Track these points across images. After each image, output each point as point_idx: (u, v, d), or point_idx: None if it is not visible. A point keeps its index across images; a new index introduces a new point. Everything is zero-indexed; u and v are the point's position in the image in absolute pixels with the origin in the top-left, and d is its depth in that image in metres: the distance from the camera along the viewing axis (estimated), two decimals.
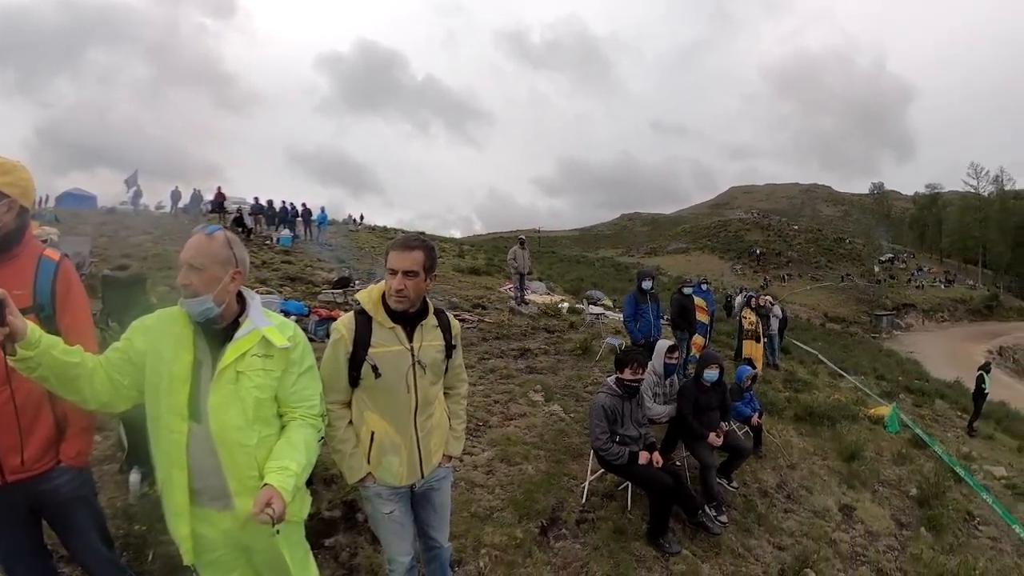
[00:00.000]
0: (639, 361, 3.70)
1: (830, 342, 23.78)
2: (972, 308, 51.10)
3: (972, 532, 5.12)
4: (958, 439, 9.34)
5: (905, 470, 6.19)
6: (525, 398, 5.70)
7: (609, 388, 3.77)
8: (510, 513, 3.46)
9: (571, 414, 5.47)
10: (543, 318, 10.79)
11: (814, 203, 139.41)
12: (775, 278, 55.55)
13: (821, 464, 5.72)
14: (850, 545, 4.24)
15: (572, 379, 6.77)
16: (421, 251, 1.87)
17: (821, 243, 72.26)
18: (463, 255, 24.65)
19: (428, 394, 1.99)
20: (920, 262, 68.95)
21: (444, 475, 2.17)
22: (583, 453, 4.47)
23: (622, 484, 4.02)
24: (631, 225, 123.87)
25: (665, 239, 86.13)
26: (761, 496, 4.66)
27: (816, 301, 48.74)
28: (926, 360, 27.15)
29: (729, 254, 66.64)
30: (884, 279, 57.43)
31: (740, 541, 3.84)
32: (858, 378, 12.61)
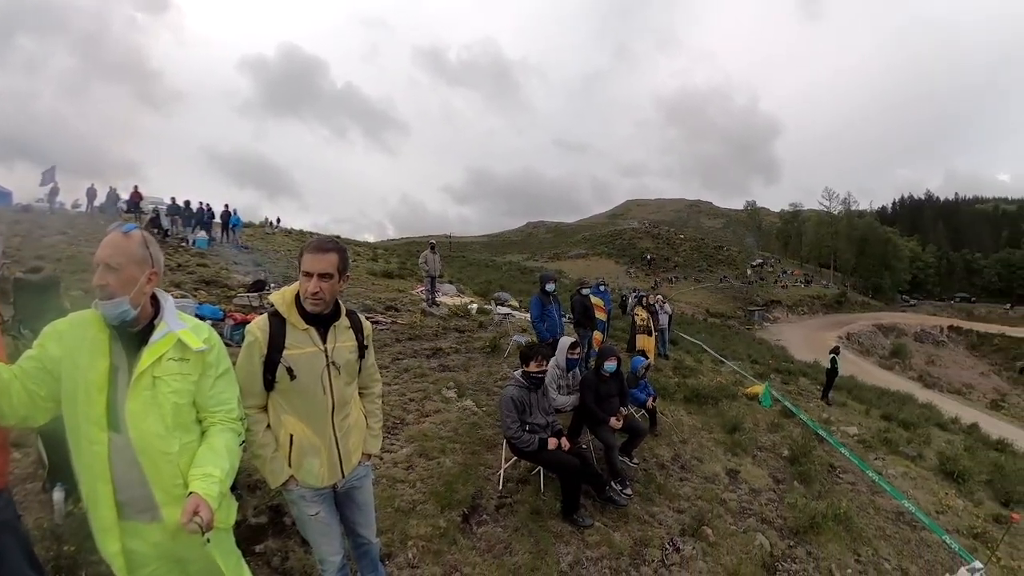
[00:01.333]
0: (542, 354, 3.84)
1: (712, 334, 26.06)
2: (826, 303, 60.40)
3: (835, 480, 5.90)
4: (819, 408, 10.69)
5: (778, 436, 6.96)
6: (439, 395, 5.65)
7: (516, 381, 3.86)
8: (432, 505, 3.46)
9: (483, 408, 5.50)
10: (454, 319, 10.75)
11: (698, 216, 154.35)
12: (664, 280, 60.37)
13: (708, 437, 6.29)
14: (738, 502, 4.70)
15: (483, 375, 6.82)
16: (335, 253, 1.84)
17: (703, 250, 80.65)
18: (377, 259, 23.88)
19: (344, 394, 1.96)
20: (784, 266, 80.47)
21: (365, 473, 2.14)
22: (497, 443, 4.53)
23: (534, 469, 4.14)
24: (536, 232, 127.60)
25: (567, 245, 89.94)
26: (659, 469, 5.02)
27: (699, 299, 53.61)
28: (790, 346, 31.34)
29: (624, 259, 71.21)
30: (755, 280, 65.14)
31: (644, 509, 4.11)
32: (736, 363, 13.93)
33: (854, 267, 78.29)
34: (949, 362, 46.15)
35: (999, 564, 4.73)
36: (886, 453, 7.71)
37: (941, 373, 40.72)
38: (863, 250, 77.24)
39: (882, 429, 9.23)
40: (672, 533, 3.85)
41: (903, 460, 7.50)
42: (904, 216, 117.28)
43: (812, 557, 4.00)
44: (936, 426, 12.28)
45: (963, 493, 6.67)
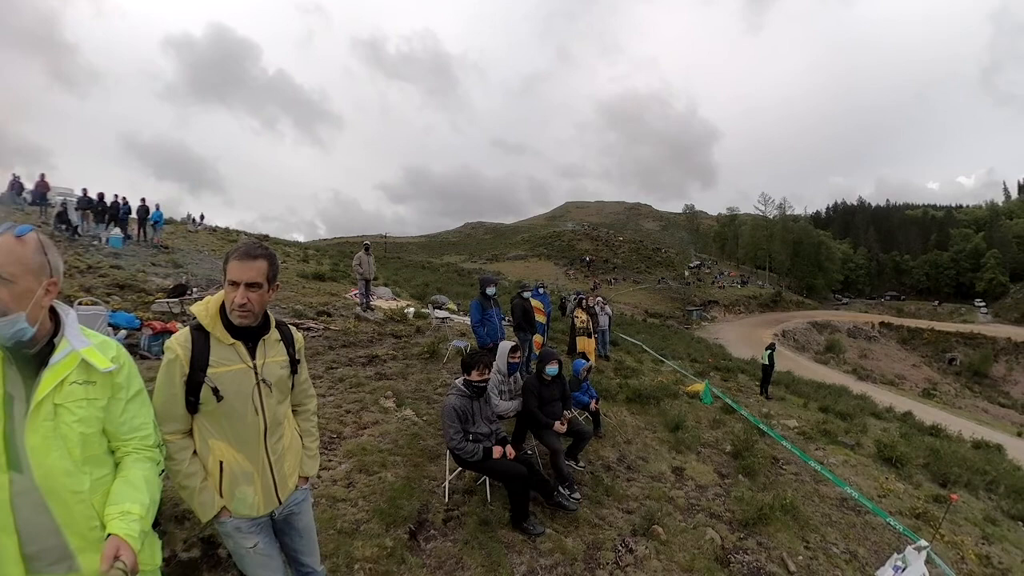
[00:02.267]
0: (484, 362, 3.85)
1: (651, 334, 27.25)
2: (761, 302, 65.70)
3: (779, 472, 6.32)
4: (759, 403, 11.39)
5: (720, 432, 7.36)
6: (377, 405, 5.49)
7: (458, 390, 3.85)
8: (377, 523, 3.36)
9: (424, 417, 5.41)
10: (389, 323, 10.51)
11: (637, 219, 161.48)
12: (603, 281, 62.47)
13: (652, 437, 6.53)
14: (685, 499, 4.92)
15: (422, 383, 6.71)
16: (264, 260, 1.73)
17: (642, 252, 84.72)
18: (307, 260, 22.78)
19: (276, 414, 1.86)
20: (721, 267, 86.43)
21: (303, 497, 2.04)
22: (440, 454, 4.47)
23: (480, 479, 4.13)
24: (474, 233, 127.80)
25: (506, 246, 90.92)
26: (606, 471, 5.16)
27: (638, 300, 55.95)
28: (728, 344, 33.49)
29: (563, 261, 72.99)
30: (693, 281, 69.18)
31: (594, 512, 4.21)
32: (676, 362, 14.60)
33: (789, 268, 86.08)
34: (881, 355, 51.55)
35: (943, 540, 5.29)
36: (826, 443, 8.36)
37: (874, 366, 45.45)
38: (797, 252, 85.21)
39: (820, 421, 10.01)
40: (624, 534, 3.96)
41: (842, 449, 8.16)
42: (837, 220, 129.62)
43: (763, 547, 4.25)
44: (871, 416, 13.50)
45: (902, 477, 7.35)
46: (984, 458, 10.80)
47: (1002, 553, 5.56)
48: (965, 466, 8.76)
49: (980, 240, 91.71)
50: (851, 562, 4.41)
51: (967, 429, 16.21)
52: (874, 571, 4.19)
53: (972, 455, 10.64)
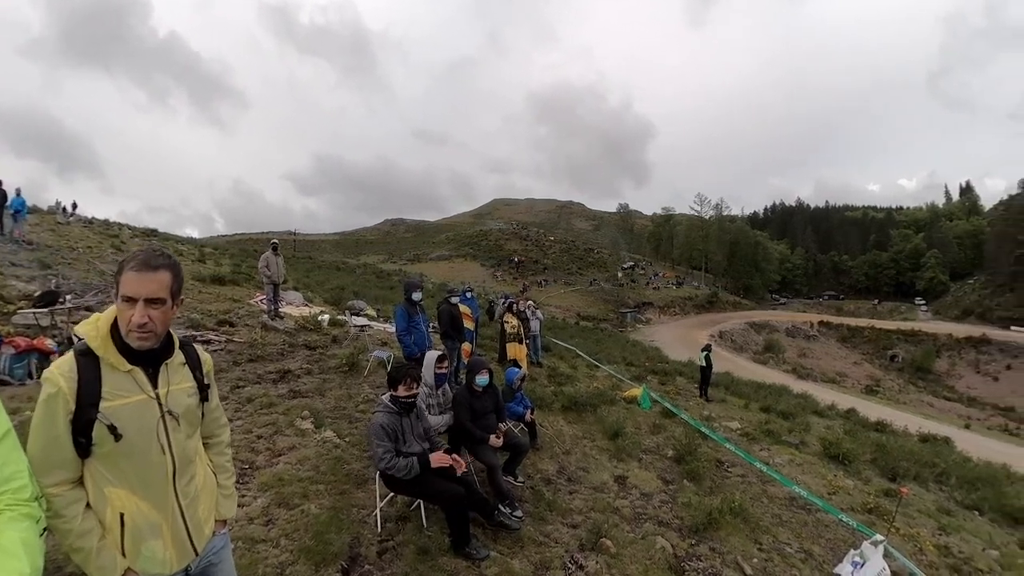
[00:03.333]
0: (411, 376, 3.78)
1: (585, 337, 27.95)
2: (697, 303, 69.75)
3: (724, 475, 6.67)
4: (699, 406, 11.97)
5: (661, 437, 7.67)
6: (292, 427, 5.23)
7: (385, 406, 3.76)
8: (304, 564, 3.19)
9: (346, 438, 5.23)
10: (302, 333, 10.05)
11: (569, 217, 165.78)
12: (533, 283, 63.37)
13: (591, 446, 6.70)
14: (631, 508, 5.09)
15: (342, 399, 6.49)
16: (168, 271, 1.58)
17: (573, 252, 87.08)
18: (204, 260, 21.10)
19: (186, 451, 1.70)
20: (656, 268, 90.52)
21: (222, 544, 1.88)
22: (368, 479, 4.35)
23: (414, 503, 4.04)
24: (395, 231, 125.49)
25: (429, 246, 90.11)
26: (546, 484, 5.23)
27: (570, 303, 57.35)
28: (664, 346, 35.15)
29: (490, 261, 73.43)
30: (627, 282, 71.83)
31: (538, 530, 4.25)
32: (612, 367, 15.07)
33: (725, 269, 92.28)
34: (821, 354, 56.25)
35: (899, 534, 5.78)
36: (770, 444, 8.96)
37: (814, 364, 49.50)
38: (734, 252, 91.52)
39: (763, 421, 10.70)
40: (571, 550, 4.03)
41: (787, 448, 8.77)
42: (775, 221, 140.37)
43: (716, 552, 4.48)
44: (814, 414, 14.60)
45: (851, 474, 7.97)
46: (932, 451, 11.97)
47: (961, 543, 6.17)
48: (913, 460, 9.66)
49: (920, 241, 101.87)
50: (807, 561, 4.73)
51: (913, 424, 17.91)
52: (832, 569, 4.51)
53: (920, 449, 11.74)
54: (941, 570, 5.31)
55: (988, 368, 51.51)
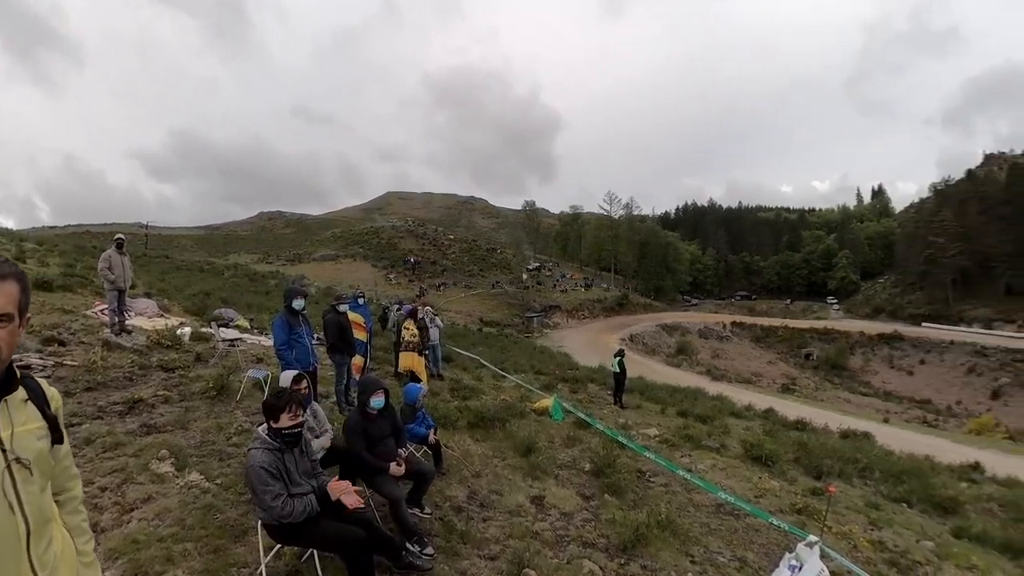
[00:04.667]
0: (296, 401, 3.56)
1: (489, 345, 28.19)
2: (607, 306, 72.55)
3: (647, 486, 6.89)
4: (614, 413, 12.40)
5: (577, 450, 7.83)
6: (147, 473, 4.71)
7: (263, 441, 3.48)
8: None
9: (217, 480, 4.83)
10: (156, 351, 9.18)
11: (470, 215, 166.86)
12: (431, 287, 62.87)
13: (503, 465, 6.71)
14: (552, 531, 5.14)
15: (210, 432, 6.02)
16: (15, 281, 1.43)
17: (475, 253, 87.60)
18: (25, 258, 18.50)
19: (42, 508, 1.50)
20: (564, 270, 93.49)
21: None
22: (248, 529, 4.04)
23: (306, 554, 3.81)
24: (272, 226, 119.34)
25: (312, 244, 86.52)
26: (456, 513, 5.15)
27: (471, 307, 57.58)
28: (574, 351, 36.21)
29: (383, 262, 71.90)
30: (532, 285, 73.24)
31: (453, 567, 4.16)
32: (519, 376, 15.27)
33: (636, 270, 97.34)
34: (735, 354, 60.78)
35: (831, 532, 6.21)
36: (691, 449, 9.43)
37: (728, 365, 53.40)
38: (644, 253, 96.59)
39: (681, 426, 11.23)
40: None
41: (709, 453, 9.26)
42: (687, 222, 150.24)
43: (648, 570, 4.62)
44: (731, 416, 15.59)
45: (775, 475, 8.52)
46: (854, 447, 13.12)
47: (895, 536, 6.78)
48: (836, 457, 10.55)
49: (832, 241, 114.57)
50: (742, 569, 5.01)
51: (833, 420, 19.60)
52: (769, 574, 4.77)
53: (842, 445, 12.86)
54: (879, 565, 5.83)
55: (902, 363, 58.15)
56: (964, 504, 9.15)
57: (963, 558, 6.47)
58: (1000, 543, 7.26)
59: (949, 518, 8.48)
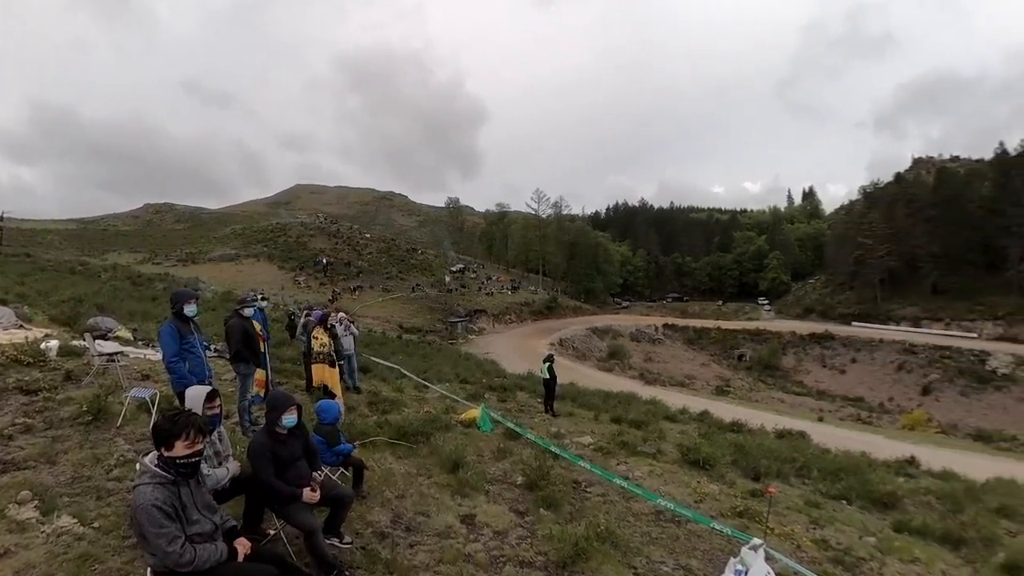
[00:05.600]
0: (195, 426, 3.33)
1: (410, 353, 28.00)
2: (535, 309, 73.50)
3: (584, 497, 6.97)
4: (546, 422, 12.57)
5: (508, 463, 7.87)
6: (3, 520, 4.25)
7: (152, 474, 3.20)
8: None
9: (94, 524, 4.42)
10: (13, 370, 8.37)
11: (389, 211, 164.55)
12: (345, 290, 61.37)
13: (429, 483, 6.63)
14: (486, 552, 5.10)
15: (84, 464, 5.54)
16: None
17: (394, 253, 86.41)
18: None
19: None
20: (489, 271, 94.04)
21: None
22: None
23: None
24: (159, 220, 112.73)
25: (208, 242, 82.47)
26: (380, 540, 5.02)
27: (389, 313, 56.65)
28: (501, 358, 36.40)
29: (290, 263, 69.41)
30: (456, 288, 72.91)
31: None
32: (443, 386, 15.25)
33: (565, 271, 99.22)
34: (668, 357, 63.10)
35: (774, 534, 6.46)
36: (627, 456, 9.66)
37: (661, 368, 55.35)
38: (574, 254, 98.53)
39: (616, 433, 11.51)
40: None
41: (645, 459, 9.52)
42: (617, 222, 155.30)
43: None
44: (666, 419, 16.15)
45: (714, 478, 8.86)
46: (790, 446, 13.91)
47: (837, 534, 7.16)
48: (773, 457, 11.12)
49: (763, 242, 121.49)
50: None
51: (768, 421, 20.76)
52: None
53: (778, 445, 13.58)
54: (824, 564, 6.16)
55: (834, 362, 62.67)
56: (902, 498, 9.83)
57: (906, 552, 6.94)
58: (940, 535, 7.85)
59: (889, 513, 9.09)
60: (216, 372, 7.36)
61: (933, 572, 6.63)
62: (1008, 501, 10.38)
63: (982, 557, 7.25)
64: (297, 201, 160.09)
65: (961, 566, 7.01)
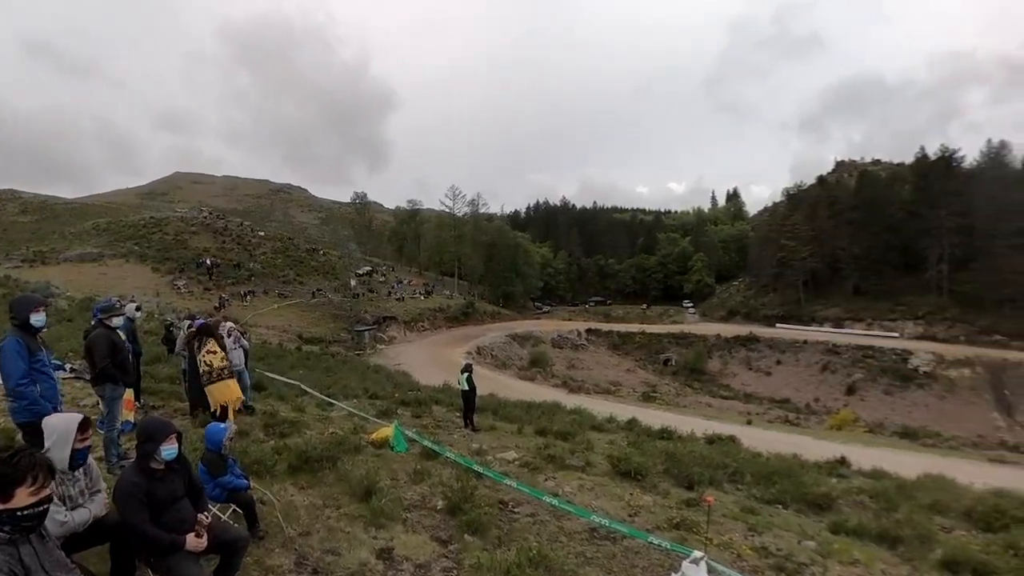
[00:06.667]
0: (43, 466, 2.94)
1: (311, 367, 27.28)
2: (450, 316, 73.92)
3: (512, 518, 6.97)
4: (466, 438, 12.55)
5: (426, 486, 7.74)
6: None
7: None
8: None
9: None
10: None
11: (286, 206, 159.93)
12: (234, 296, 58.81)
13: (338, 515, 6.36)
14: None
15: None
16: None
17: (291, 253, 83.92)
18: None
19: None
20: (400, 275, 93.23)
21: None
22: None
23: None
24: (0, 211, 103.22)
25: (63, 239, 76.48)
26: None
27: (287, 321, 54.83)
28: (414, 369, 36.27)
29: (168, 265, 65.69)
30: (362, 293, 71.61)
31: None
32: (350, 402, 14.88)
33: (482, 275, 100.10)
34: (592, 363, 65.49)
35: (713, 544, 6.57)
36: (554, 471, 9.73)
37: (585, 375, 57.13)
38: (492, 256, 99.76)
39: (541, 446, 11.60)
40: None
41: (574, 473, 9.62)
42: (538, 222, 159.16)
43: None
44: (593, 429, 16.52)
45: (647, 489, 9.02)
46: (721, 451, 14.33)
47: (776, 540, 7.39)
48: (705, 463, 11.40)
49: (687, 244, 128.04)
50: None
51: (697, 426, 21.62)
52: None
53: (709, 451, 13.95)
54: (766, 572, 6.35)
55: (760, 364, 67.43)
56: (837, 499, 10.37)
57: (845, 554, 7.29)
58: (876, 534, 8.29)
59: (824, 515, 9.56)
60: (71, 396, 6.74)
61: (873, 573, 6.97)
62: (939, 497, 11.21)
63: (920, 555, 7.70)
64: (176, 192, 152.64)
65: (899, 565, 7.42)
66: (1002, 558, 7.61)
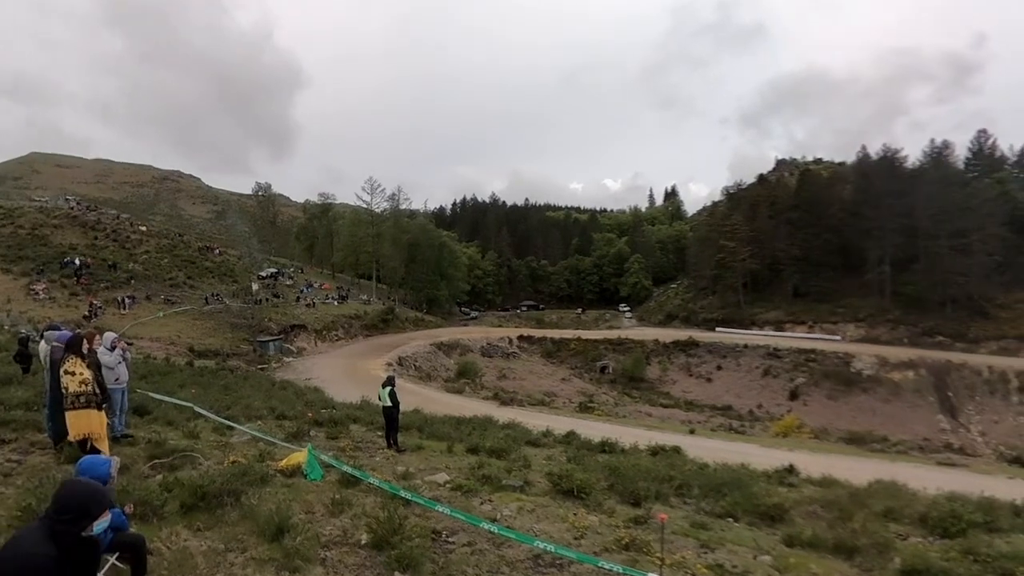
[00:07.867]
0: None
1: (206, 385, 26.33)
2: (368, 323, 73.91)
3: (447, 549, 6.88)
4: (390, 460, 12.42)
5: (347, 518, 7.56)
6: None
7: None
8: None
9: None
10: None
11: (174, 197, 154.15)
12: (108, 303, 56.12)
13: (243, 560, 6.05)
14: None
15: None
16: None
17: (180, 252, 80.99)
18: None
19: None
20: (310, 277, 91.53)
21: None
22: None
23: None
24: None
25: None
26: None
27: (175, 332, 52.77)
28: (328, 384, 35.73)
29: (22, 265, 61.86)
30: (266, 298, 69.86)
31: None
32: (254, 425, 14.52)
33: (403, 277, 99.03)
34: (525, 373, 66.93)
35: (666, 565, 6.59)
36: (490, 493, 9.69)
37: (518, 386, 57.95)
38: (414, 256, 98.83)
39: (475, 465, 11.59)
40: None
41: (512, 494, 9.60)
42: (465, 219, 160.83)
43: None
44: (528, 444, 16.79)
45: (591, 508, 9.11)
46: (666, 463, 14.72)
47: (730, 556, 7.52)
48: (651, 477, 11.64)
49: (624, 245, 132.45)
50: None
51: (639, 437, 21.98)
52: None
53: (653, 464, 14.26)
54: None
55: (700, 370, 70.58)
56: (789, 510, 10.73)
57: (802, 568, 7.53)
58: (832, 545, 8.58)
59: (778, 527, 9.86)
60: None
61: None
62: (893, 503, 11.72)
63: (878, 564, 8.02)
64: (34, 177, 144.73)
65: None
66: (962, 564, 7.99)
